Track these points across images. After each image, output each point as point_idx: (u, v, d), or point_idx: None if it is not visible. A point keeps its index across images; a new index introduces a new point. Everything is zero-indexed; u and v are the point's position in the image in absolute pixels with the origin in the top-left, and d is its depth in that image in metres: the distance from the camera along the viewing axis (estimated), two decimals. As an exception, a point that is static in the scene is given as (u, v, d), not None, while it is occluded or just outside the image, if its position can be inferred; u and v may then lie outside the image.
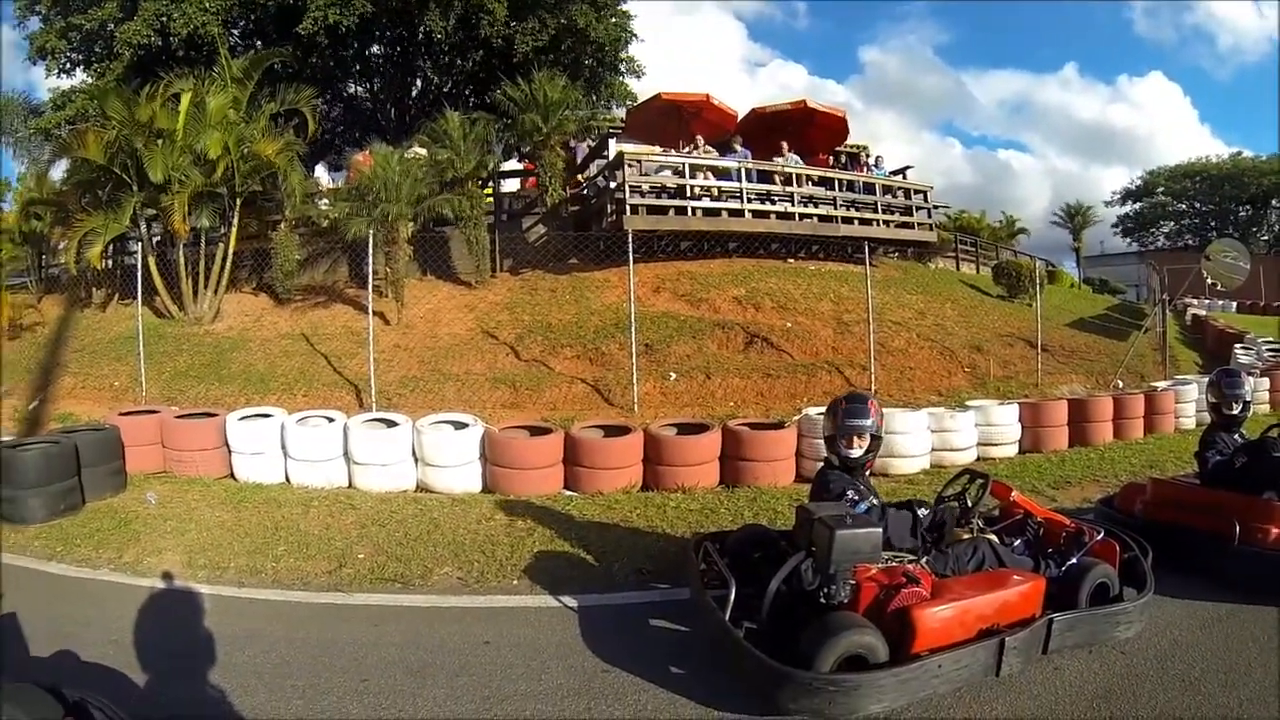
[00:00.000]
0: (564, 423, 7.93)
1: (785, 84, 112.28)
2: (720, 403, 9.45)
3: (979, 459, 8.24)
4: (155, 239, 13.18)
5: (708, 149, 14.70)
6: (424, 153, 13.65)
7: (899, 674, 3.09)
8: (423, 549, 5.43)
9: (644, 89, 22.80)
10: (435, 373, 10.06)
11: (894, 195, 15.94)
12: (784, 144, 15.18)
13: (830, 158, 16.89)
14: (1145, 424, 9.73)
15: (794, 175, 14.44)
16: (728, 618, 3.39)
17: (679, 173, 13.67)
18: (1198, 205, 51.51)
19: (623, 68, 23.73)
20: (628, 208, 12.79)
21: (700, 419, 8.04)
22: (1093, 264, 45.81)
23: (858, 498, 3.73)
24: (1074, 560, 3.92)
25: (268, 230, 13.40)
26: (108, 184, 12.45)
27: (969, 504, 4.09)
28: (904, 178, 17.33)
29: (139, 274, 10.79)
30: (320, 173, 17.56)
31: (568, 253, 13.75)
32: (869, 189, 15.54)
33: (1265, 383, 11.84)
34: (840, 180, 15.23)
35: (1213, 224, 49.11)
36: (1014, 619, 3.44)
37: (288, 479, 7.22)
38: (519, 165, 16.92)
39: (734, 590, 3.46)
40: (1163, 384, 11.32)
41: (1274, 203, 47.59)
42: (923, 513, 3.91)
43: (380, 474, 7.03)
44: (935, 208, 17.48)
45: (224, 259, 12.65)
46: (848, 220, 14.78)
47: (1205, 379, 6.37)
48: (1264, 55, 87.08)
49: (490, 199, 15.16)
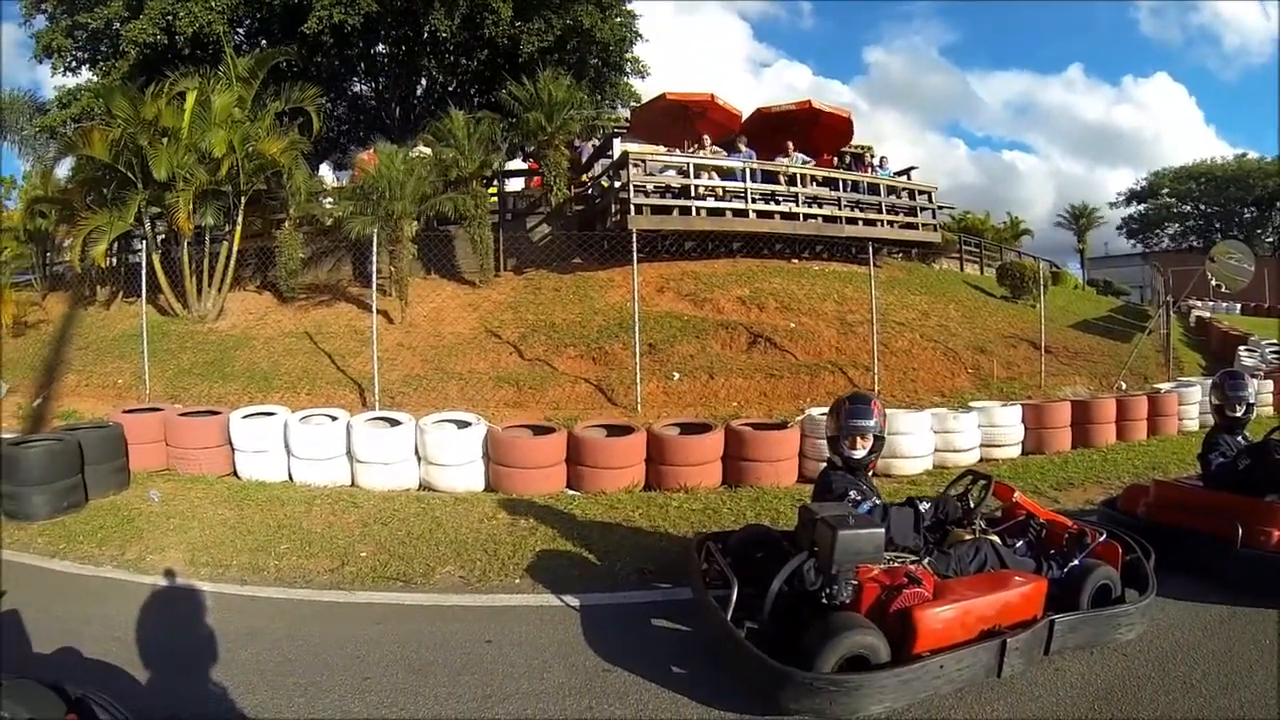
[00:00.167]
0: (567, 422, 7.95)
1: (790, 84, 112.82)
2: (723, 403, 9.45)
3: (982, 460, 8.24)
4: (160, 237, 13.19)
5: (715, 149, 14.70)
6: (428, 152, 13.67)
7: (901, 674, 3.09)
8: (425, 548, 5.43)
9: (649, 89, 22.87)
10: (438, 371, 10.08)
11: (898, 196, 15.91)
12: (790, 144, 15.19)
13: (835, 158, 16.86)
14: (1148, 426, 9.75)
15: (798, 175, 14.42)
16: (730, 617, 3.38)
17: (683, 173, 13.65)
18: (1202, 207, 51.32)
19: (627, 68, 23.78)
20: (632, 207, 12.79)
21: (703, 419, 8.04)
22: (1097, 265, 45.86)
23: (860, 498, 3.73)
24: (1076, 562, 3.92)
25: (272, 229, 13.42)
26: (113, 182, 12.49)
27: (971, 505, 4.09)
28: (908, 178, 17.30)
29: (143, 272, 10.87)
30: (325, 171, 17.59)
31: (572, 252, 13.75)
32: (873, 189, 15.48)
33: (1269, 385, 11.81)
34: (845, 181, 15.17)
35: (1217, 226, 48.92)
36: (1016, 620, 3.44)
37: (291, 477, 7.24)
38: (523, 165, 16.95)
39: (736, 590, 3.46)
40: (1166, 386, 11.31)
41: (1279, 205, 47.38)
42: (924, 507, 3.93)
43: (383, 472, 7.04)
44: (940, 208, 17.44)
45: (228, 257, 12.68)
46: (852, 221, 14.76)
47: (1209, 381, 6.35)
48: (1270, 56, 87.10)
49: (495, 198, 15.19)
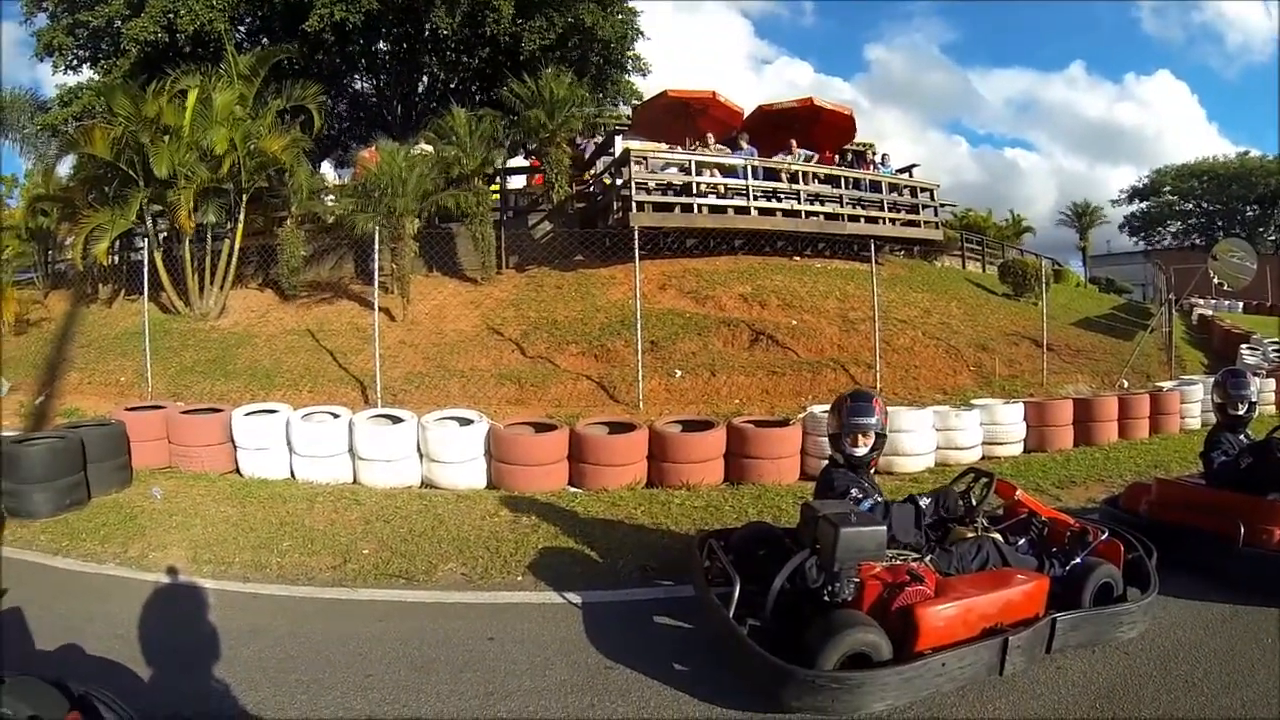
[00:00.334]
0: (569, 419, 7.94)
1: (791, 81, 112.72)
2: (725, 400, 9.46)
3: (984, 458, 8.23)
4: (161, 235, 13.22)
5: (719, 146, 14.69)
6: (430, 149, 13.67)
7: (902, 672, 3.09)
8: (427, 545, 5.43)
9: (650, 86, 22.80)
10: (440, 369, 10.08)
11: (900, 193, 15.91)
12: (793, 141, 15.19)
13: (836, 156, 16.84)
14: (1150, 424, 9.75)
15: (800, 173, 14.41)
16: (731, 615, 3.39)
17: (685, 170, 13.66)
18: (1205, 205, 51.17)
19: (629, 65, 23.70)
20: (634, 204, 12.81)
21: (705, 416, 8.05)
22: (1099, 263, 45.80)
23: (862, 496, 3.72)
24: (1078, 560, 3.91)
25: (274, 226, 13.44)
26: (114, 180, 12.52)
27: (974, 503, 4.08)
28: (910, 176, 17.32)
29: (145, 270, 10.87)
30: (326, 169, 17.63)
31: (573, 249, 13.76)
32: (875, 187, 15.49)
33: (1271, 383, 11.80)
34: (846, 178, 15.16)
35: (1220, 223, 48.82)
36: (1017, 618, 3.44)
37: (293, 474, 7.24)
38: (525, 162, 16.95)
39: (738, 587, 3.46)
40: (1168, 384, 11.30)
41: (1281, 202, 47.31)
42: (925, 502, 3.92)
43: (385, 470, 7.04)
44: (941, 206, 17.46)
45: (230, 255, 12.70)
46: (854, 218, 14.78)
47: (1211, 379, 6.34)
48: (1272, 55, 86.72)
49: (496, 195, 15.18)
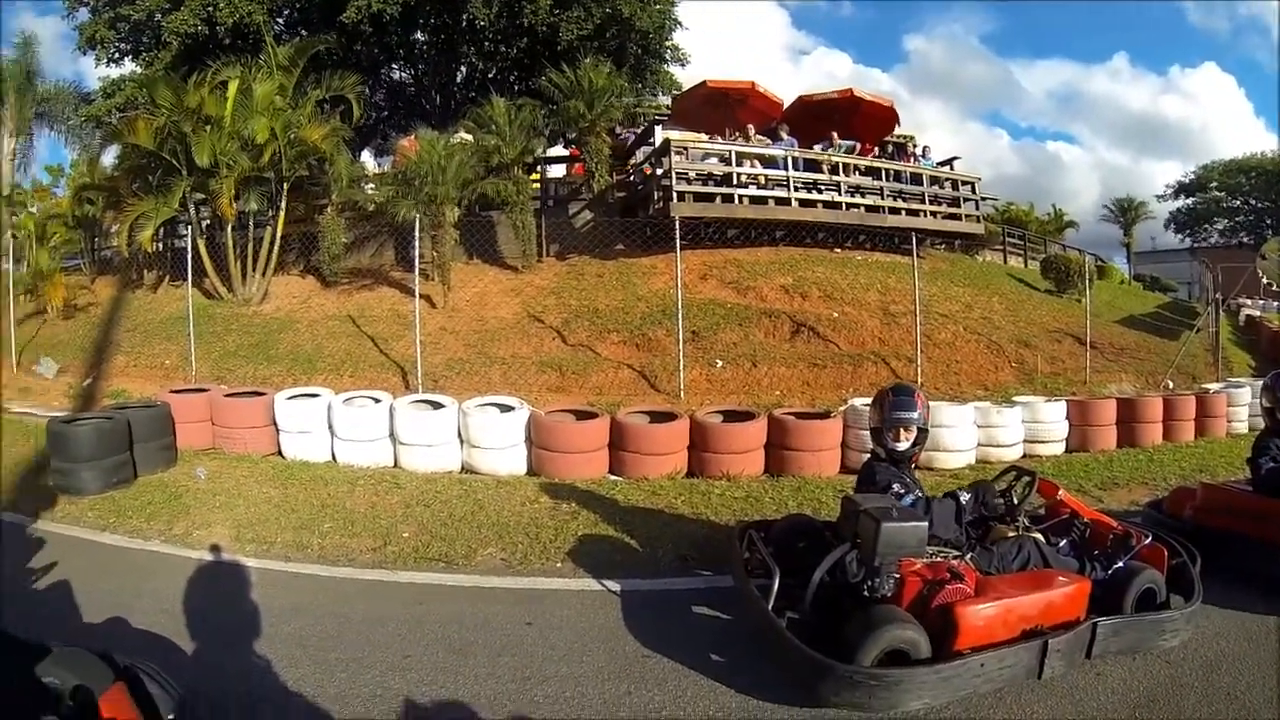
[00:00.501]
0: (610, 407, 7.97)
1: (829, 72, 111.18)
2: (766, 391, 9.44)
3: (1025, 456, 8.11)
4: (204, 222, 13.49)
5: (759, 137, 14.60)
6: (469, 138, 13.74)
7: (941, 671, 3.06)
8: (467, 530, 5.50)
9: (689, 77, 22.65)
10: (481, 356, 10.17)
11: (941, 186, 15.72)
12: (834, 133, 15.05)
13: (876, 147, 16.65)
14: (1196, 426, 9.50)
15: (841, 164, 14.28)
16: (771, 607, 3.38)
17: (725, 160, 13.60)
18: (1253, 201, 49.46)
19: (667, 55, 23.55)
20: (674, 194, 12.79)
21: (746, 407, 8.02)
22: (1143, 260, 44.59)
23: (904, 491, 3.69)
24: (1120, 564, 3.83)
25: (314, 214, 13.64)
26: (157, 169, 12.79)
27: (1015, 501, 4.01)
28: (951, 168, 17.04)
29: (189, 256, 11.12)
30: (366, 157, 17.85)
31: (614, 238, 13.78)
32: (916, 179, 15.31)
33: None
34: (887, 170, 14.99)
35: (1269, 221, 47.12)
36: (1058, 621, 3.38)
37: (334, 458, 7.34)
38: (565, 151, 16.97)
39: (778, 580, 3.44)
40: (1215, 386, 11.02)
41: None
42: (965, 498, 3.86)
43: (425, 454, 7.12)
44: (983, 199, 17.15)
45: (272, 242, 12.92)
46: (895, 210, 14.62)
47: (1259, 383, 6.18)
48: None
49: (537, 184, 15.23)
